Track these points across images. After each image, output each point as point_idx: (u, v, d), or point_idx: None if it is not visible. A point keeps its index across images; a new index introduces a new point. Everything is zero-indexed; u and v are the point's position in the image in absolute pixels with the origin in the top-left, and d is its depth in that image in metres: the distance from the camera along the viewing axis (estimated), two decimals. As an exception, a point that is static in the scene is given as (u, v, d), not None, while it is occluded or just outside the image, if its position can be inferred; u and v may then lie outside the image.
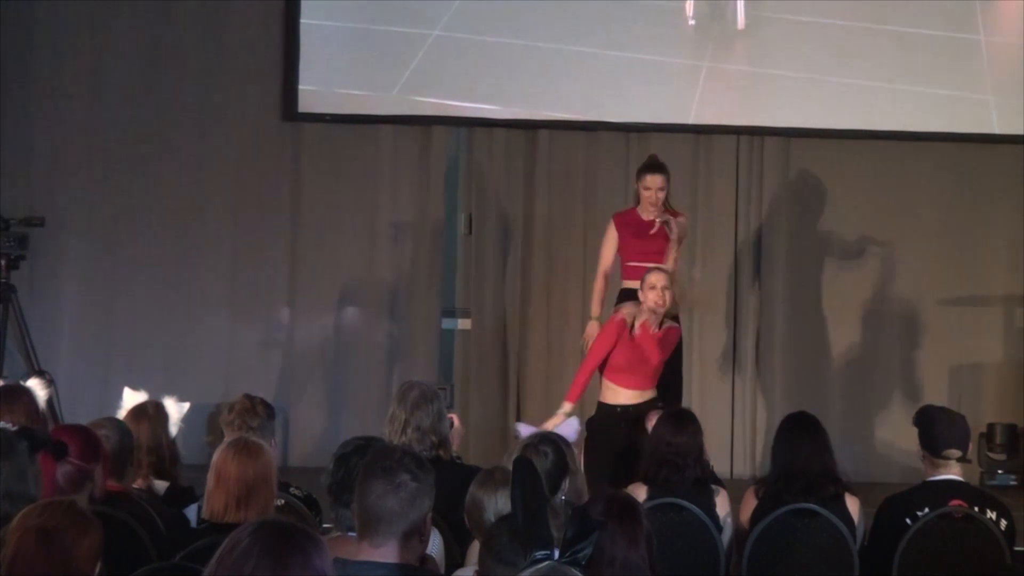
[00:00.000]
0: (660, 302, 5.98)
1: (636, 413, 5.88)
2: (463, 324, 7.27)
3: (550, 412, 7.61)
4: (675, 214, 6.46)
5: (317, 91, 7.92)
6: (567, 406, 5.96)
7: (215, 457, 3.63)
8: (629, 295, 6.26)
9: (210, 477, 3.60)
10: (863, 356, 8.01)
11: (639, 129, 7.99)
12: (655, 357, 6.02)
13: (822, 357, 8.02)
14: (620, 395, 6.02)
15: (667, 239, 6.34)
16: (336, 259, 8.02)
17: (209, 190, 7.94)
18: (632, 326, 6.02)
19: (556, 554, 2.34)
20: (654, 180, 6.41)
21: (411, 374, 7.35)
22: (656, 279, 6.01)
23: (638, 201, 6.50)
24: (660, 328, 6.05)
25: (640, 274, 6.18)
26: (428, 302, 7.86)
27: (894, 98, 7.89)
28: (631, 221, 6.49)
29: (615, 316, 6.12)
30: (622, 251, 6.50)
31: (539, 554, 2.33)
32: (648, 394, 6.04)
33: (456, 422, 4.77)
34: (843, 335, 7.98)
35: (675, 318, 6.32)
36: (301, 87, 7.93)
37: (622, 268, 6.48)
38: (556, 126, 8.00)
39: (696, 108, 7.92)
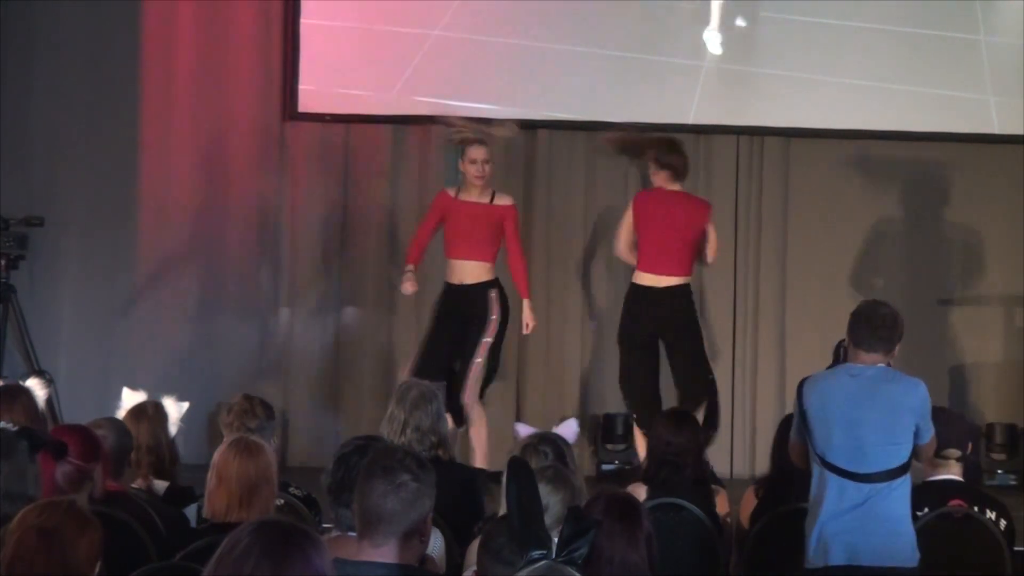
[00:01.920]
0: (479, 174, 6.51)
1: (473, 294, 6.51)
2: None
3: (550, 412, 7.63)
4: None
5: (317, 91, 7.92)
6: (408, 266, 6.66)
7: (216, 457, 3.63)
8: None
9: (211, 477, 3.60)
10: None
11: (639, 129, 7.96)
12: (482, 229, 6.51)
13: (822, 357, 7.98)
14: (455, 269, 6.58)
15: None
16: (335, 259, 8.02)
17: (209, 190, 7.93)
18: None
19: (552, 554, 2.34)
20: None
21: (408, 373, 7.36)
22: (477, 153, 6.52)
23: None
24: (491, 202, 6.57)
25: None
26: (428, 302, 7.83)
27: (894, 98, 7.88)
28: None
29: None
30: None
31: (535, 554, 2.33)
32: (482, 267, 6.54)
33: (450, 421, 4.77)
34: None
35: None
36: (301, 87, 7.92)
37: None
38: (555, 126, 8.00)
39: (696, 108, 7.91)
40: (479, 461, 6.52)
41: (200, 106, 7.92)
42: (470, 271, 6.69)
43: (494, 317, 6.69)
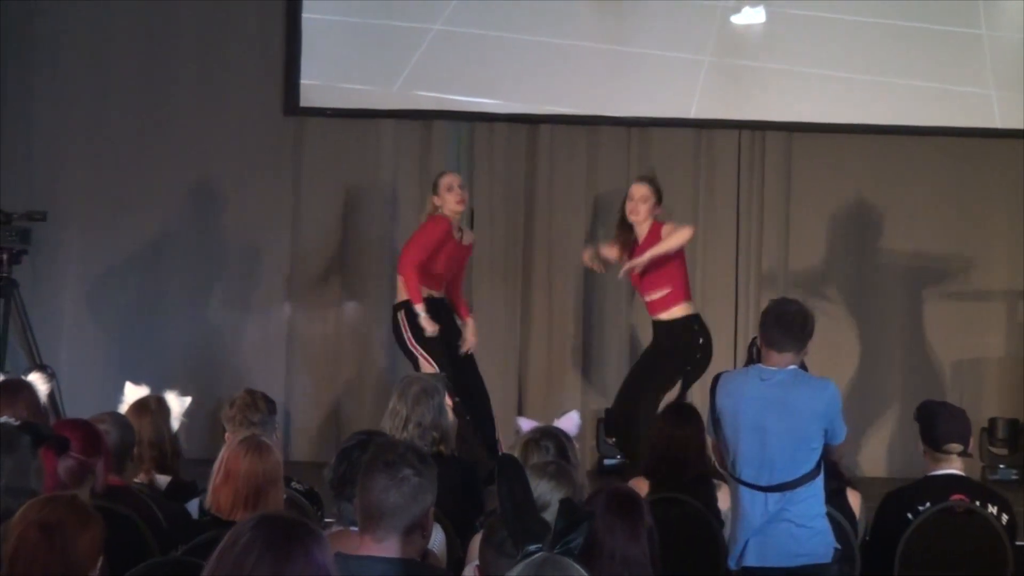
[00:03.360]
0: (462, 199, 6.44)
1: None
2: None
3: (551, 408, 7.63)
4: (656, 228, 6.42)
5: (319, 85, 7.92)
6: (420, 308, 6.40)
7: (225, 452, 3.62)
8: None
9: (217, 471, 3.58)
10: (865, 351, 7.99)
11: (640, 124, 7.97)
12: (456, 269, 6.54)
13: (823, 353, 7.99)
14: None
15: (665, 263, 6.37)
16: (337, 254, 8.02)
17: (210, 185, 7.94)
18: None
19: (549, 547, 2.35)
20: (637, 190, 6.45)
21: (411, 369, 7.36)
22: (452, 180, 6.46)
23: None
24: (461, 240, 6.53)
25: (651, 311, 6.43)
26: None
27: (896, 92, 7.86)
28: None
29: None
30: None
31: (532, 547, 2.33)
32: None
33: (450, 415, 4.76)
34: (845, 331, 7.96)
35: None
36: (303, 81, 7.92)
37: None
38: (557, 121, 7.99)
39: (698, 102, 7.90)
40: None
41: (201, 100, 7.92)
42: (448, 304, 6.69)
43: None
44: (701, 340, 6.41)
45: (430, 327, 6.34)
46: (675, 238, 6.35)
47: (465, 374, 6.58)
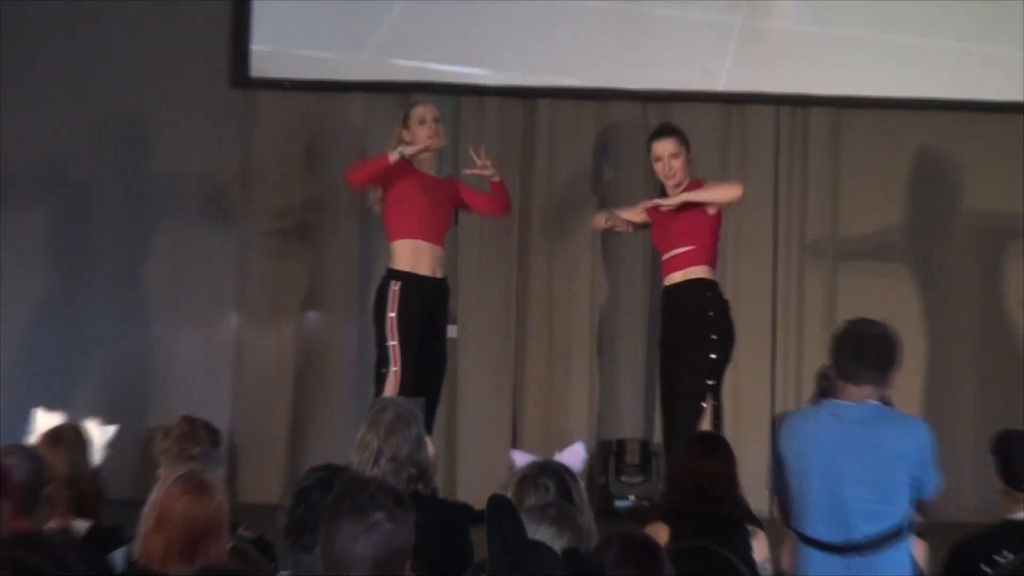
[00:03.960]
0: (436, 135, 6.69)
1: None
2: (449, 331, 7.26)
3: (552, 437, 7.60)
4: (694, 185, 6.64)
5: (273, 52, 7.95)
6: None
7: (158, 492, 3.63)
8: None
9: (148, 516, 3.59)
10: (928, 368, 7.99)
11: (659, 98, 7.99)
12: (443, 206, 6.68)
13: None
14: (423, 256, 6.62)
15: (698, 217, 6.54)
16: (296, 253, 8.03)
17: (145, 173, 7.93)
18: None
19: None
20: (663, 146, 6.59)
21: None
22: (426, 111, 6.72)
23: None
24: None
25: (668, 270, 6.57)
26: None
27: (964, 61, 7.89)
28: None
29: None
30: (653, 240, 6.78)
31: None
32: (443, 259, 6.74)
33: (431, 447, 4.74)
34: (904, 342, 7.92)
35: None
36: (254, 47, 7.94)
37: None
38: (559, 95, 8.02)
39: (727, 73, 7.93)
40: None
41: (133, 71, 7.93)
42: (440, 258, 6.74)
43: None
44: (716, 304, 6.56)
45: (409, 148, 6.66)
46: (720, 189, 6.58)
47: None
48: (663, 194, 6.67)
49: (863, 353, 4.22)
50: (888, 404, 4.33)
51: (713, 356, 6.49)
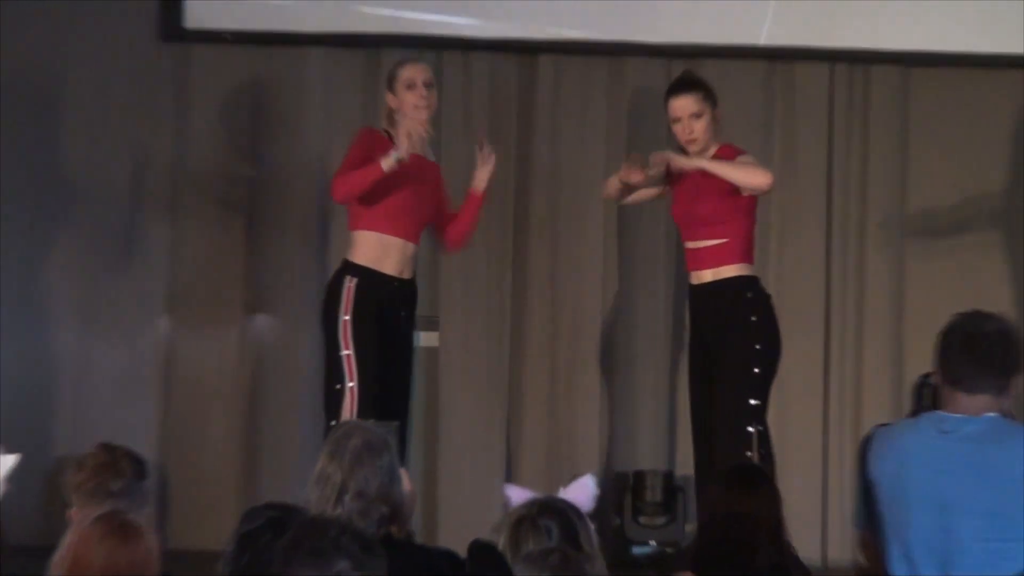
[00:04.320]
0: (425, 104, 6.62)
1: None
2: (427, 339, 7.25)
3: (556, 469, 7.59)
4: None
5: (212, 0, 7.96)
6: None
7: (71, 537, 3.62)
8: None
9: (59, 566, 3.59)
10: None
11: (686, 53, 7.99)
12: (424, 196, 6.64)
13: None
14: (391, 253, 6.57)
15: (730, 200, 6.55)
16: (240, 244, 8.04)
17: (55, 147, 7.92)
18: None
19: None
20: (683, 104, 6.61)
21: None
22: (414, 73, 6.64)
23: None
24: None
25: (694, 264, 6.58)
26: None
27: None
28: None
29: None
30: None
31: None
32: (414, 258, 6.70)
33: (406, 480, 4.73)
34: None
35: None
36: (189, -8, 7.96)
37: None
38: (564, 49, 8.03)
39: (771, 24, 7.96)
40: None
41: (52, 29, 7.92)
42: (411, 259, 6.72)
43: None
44: (759, 306, 6.56)
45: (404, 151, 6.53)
46: (745, 171, 6.54)
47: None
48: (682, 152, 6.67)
49: (979, 354, 4.15)
50: (1009, 417, 4.26)
51: (757, 370, 6.50)
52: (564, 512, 4.05)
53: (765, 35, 7.98)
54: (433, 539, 7.59)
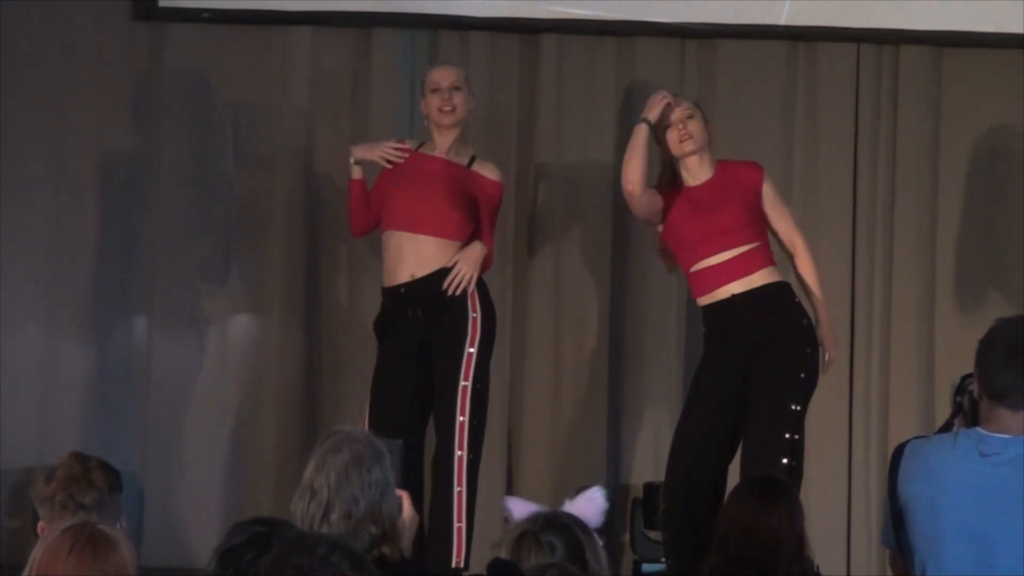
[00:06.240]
0: (448, 107, 6.84)
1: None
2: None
3: (561, 481, 7.58)
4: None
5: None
6: None
7: (39, 551, 3.63)
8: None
9: None
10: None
11: (700, 33, 8.00)
12: (439, 193, 6.83)
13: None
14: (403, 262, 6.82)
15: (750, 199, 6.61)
16: (221, 238, 8.04)
17: (16, 133, 7.91)
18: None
19: None
20: (677, 111, 6.66)
21: (340, 419, 7.32)
22: (440, 76, 6.89)
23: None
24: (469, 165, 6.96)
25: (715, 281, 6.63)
26: (367, 303, 7.82)
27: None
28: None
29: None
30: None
31: None
32: (446, 247, 6.82)
33: (406, 503, 4.72)
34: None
35: None
36: (163, -33, 7.97)
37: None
38: (569, 28, 8.04)
39: (792, 2, 7.98)
40: None
41: (22, 9, 7.90)
42: (428, 255, 6.77)
43: (475, 315, 6.88)
44: (806, 321, 6.67)
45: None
46: (815, 268, 6.81)
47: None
48: (673, 181, 6.68)
49: (1022, 365, 4.13)
50: None
51: (803, 375, 6.56)
52: (569, 527, 4.05)
53: (786, 14, 7.98)
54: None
